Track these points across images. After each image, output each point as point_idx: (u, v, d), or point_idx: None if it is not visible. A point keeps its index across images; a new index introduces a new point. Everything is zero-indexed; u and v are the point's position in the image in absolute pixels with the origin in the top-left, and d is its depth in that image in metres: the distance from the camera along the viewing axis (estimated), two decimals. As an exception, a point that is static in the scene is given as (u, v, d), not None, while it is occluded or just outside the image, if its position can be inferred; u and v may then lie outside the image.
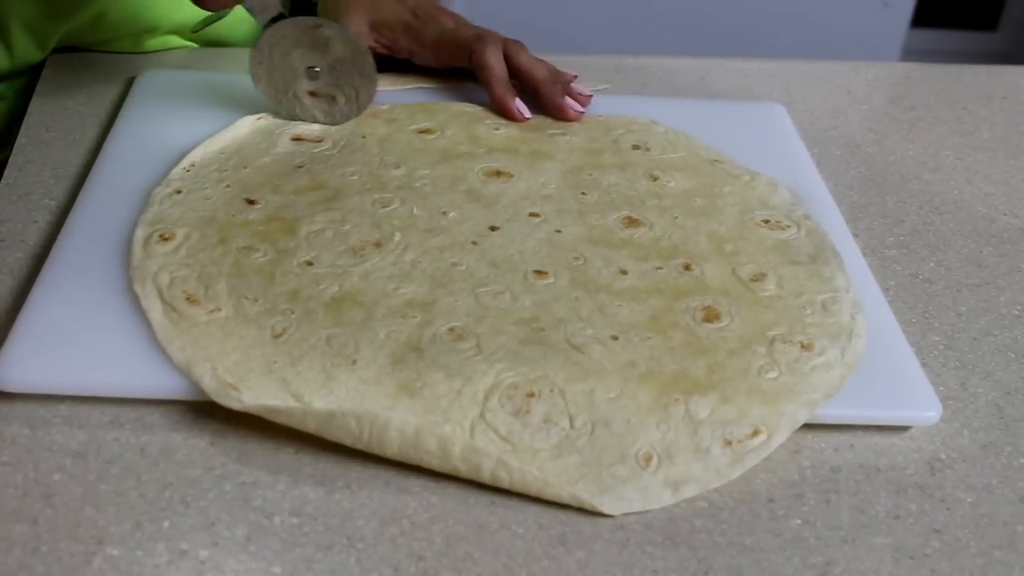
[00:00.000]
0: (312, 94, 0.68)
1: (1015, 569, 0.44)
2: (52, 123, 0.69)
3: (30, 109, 0.71)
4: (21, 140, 0.67)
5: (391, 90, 0.74)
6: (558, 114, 0.71)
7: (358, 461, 0.46)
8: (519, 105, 0.70)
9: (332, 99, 0.68)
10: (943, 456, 0.49)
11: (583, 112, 0.71)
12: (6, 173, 0.64)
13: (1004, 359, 0.55)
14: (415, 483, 0.45)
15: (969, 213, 0.68)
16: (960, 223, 0.67)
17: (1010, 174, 0.73)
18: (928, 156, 0.74)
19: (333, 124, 0.68)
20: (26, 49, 0.75)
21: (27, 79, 0.77)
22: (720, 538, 0.44)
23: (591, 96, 0.72)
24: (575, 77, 0.74)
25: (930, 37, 2.53)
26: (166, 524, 0.43)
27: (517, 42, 0.73)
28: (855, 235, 0.64)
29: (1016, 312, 0.59)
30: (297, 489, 0.45)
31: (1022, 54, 2.57)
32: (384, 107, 0.71)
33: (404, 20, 0.74)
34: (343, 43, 0.66)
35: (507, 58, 0.72)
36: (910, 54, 2.17)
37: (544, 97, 0.71)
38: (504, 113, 0.71)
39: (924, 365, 0.54)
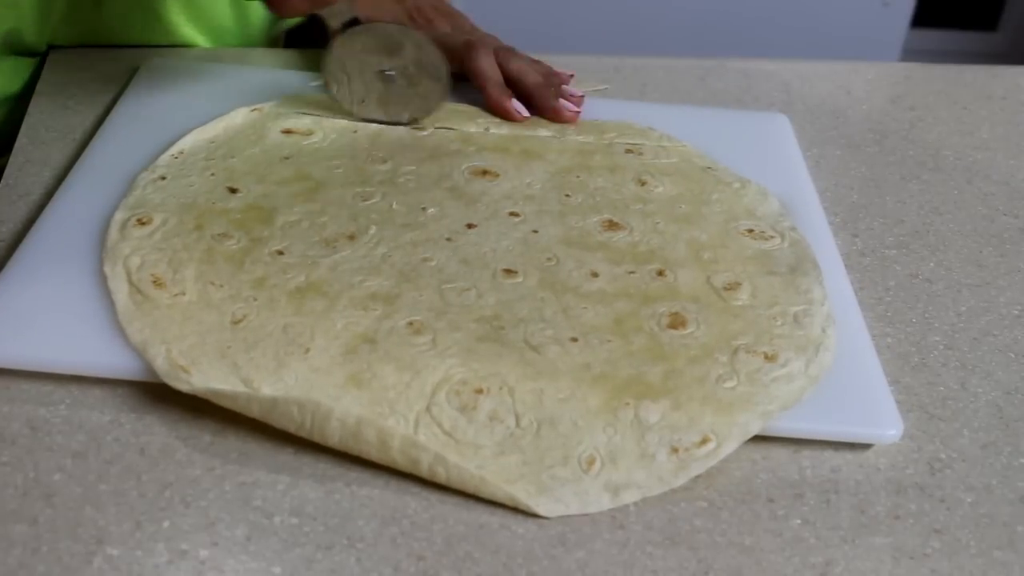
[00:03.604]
0: (384, 97, 0.69)
1: (1015, 569, 0.44)
2: (52, 123, 0.69)
3: (30, 109, 0.71)
4: (21, 140, 0.67)
5: None
6: (554, 117, 0.70)
7: (358, 461, 0.46)
8: (516, 105, 0.70)
9: (404, 102, 0.69)
10: (943, 456, 0.49)
11: (578, 112, 0.71)
12: (6, 173, 0.64)
13: (1004, 359, 0.55)
14: (415, 483, 0.45)
15: (969, 213, 0.68)
16: (960, 223, 0.67)
17: (1010, 174, 0.73)
18: (928, 156, 0.74)
19: (403, 125, 0.69)
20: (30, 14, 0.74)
21: (27, 78, 0.77)
22: (720, 538, 0.44)
23: (583, 96, 0.72)
24: (571, 77, 0.74)
25: (930, 37, 2.53)
26: (166, 524, 0.43)
27: (509, 48, 0.73)
28: (855, 235, 0.64)
29: (1016, 312, 0.59)
30: (297, 489, 0.45)
31: (1022, 54, 2.57)
32: None
33: (399, 21, 0.75)
34: (414, 46, 0.67)
35: (499, 65, 0.72)
36: (910, 54, 2.17)
37: (538, 101, 0.71)
38: (502, 114, 0.71)
39: (924, 365, 0.54)
